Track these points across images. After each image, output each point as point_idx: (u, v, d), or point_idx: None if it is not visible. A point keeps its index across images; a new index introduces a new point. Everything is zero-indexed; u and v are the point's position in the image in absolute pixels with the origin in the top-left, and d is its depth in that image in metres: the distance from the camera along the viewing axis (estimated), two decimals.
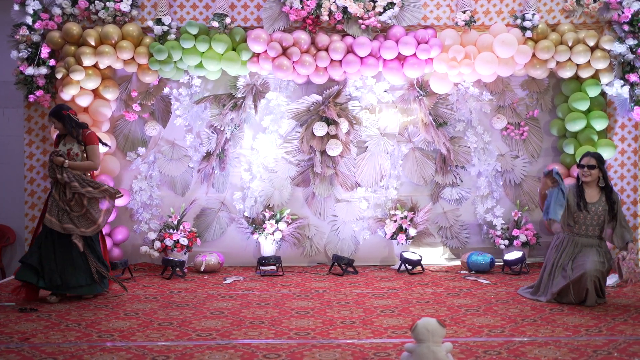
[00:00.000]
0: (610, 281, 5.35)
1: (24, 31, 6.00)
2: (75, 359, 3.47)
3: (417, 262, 6.17)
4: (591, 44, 6.16)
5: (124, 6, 6.04)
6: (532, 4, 6.25)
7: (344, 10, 6.10)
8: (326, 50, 6.18)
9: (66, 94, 6.00)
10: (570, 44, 6.16)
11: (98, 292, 5.03)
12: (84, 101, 6.09)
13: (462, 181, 6.62)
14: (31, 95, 6.02)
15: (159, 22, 6.10)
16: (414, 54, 6.17)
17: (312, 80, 6.36)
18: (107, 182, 6.22)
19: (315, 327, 4.11)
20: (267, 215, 6.40)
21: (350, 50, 6.19)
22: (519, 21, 6.22)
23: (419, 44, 6.16)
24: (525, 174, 6.63)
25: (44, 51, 6.01)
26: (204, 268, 6.12)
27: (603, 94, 6.41)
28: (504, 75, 6.35)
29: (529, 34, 6.17)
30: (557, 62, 6.24)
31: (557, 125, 6.54)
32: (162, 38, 6.09)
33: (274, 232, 6.32)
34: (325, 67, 6.21)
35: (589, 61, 6.19)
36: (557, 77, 6.51)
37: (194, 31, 6.05)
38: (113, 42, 6.02)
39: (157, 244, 6.17)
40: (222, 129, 6.41)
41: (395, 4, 6.15)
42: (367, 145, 6.59)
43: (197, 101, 6.43)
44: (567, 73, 6.28)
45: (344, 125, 6.35)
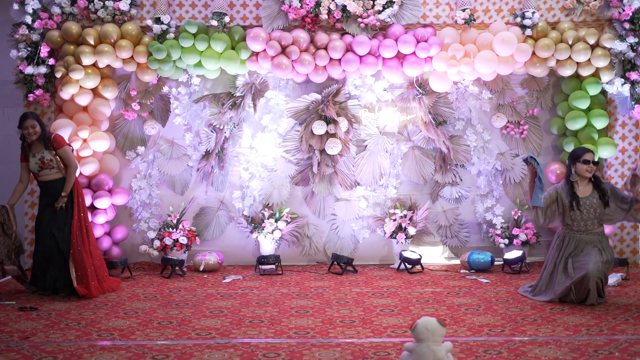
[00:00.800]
0: (611, 280, 5.34)
1: (23, 30, 5.99)
2: (75, 357, 3.47)
3: (417, 261, 6.17)
4: (591, 42, 6.15)
5: (123, 5, 6.03)
6: (532, 2, 6.24)
7: (343, 8, 6.09)
8: (325, 48, 6.17)
9: (65, 93, 6.00)
10: (570, 42, 6.15)
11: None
12: (83, 100, 6.08)
13: (461, 180, 6.61)
14: (31, 95, 6.02)
15: (158, 21, 6.09)
16: (414, 53, 6.16)
17: (311, 79, 6.35)
18: (107, 181, 6.22)
19: (314, 326, 4.10)
20: (267, 214, 6.40)
21: (349, 48, 6.19)
22: (518, 19, 6.21)
23: (418, 42, 6.15)
24: (525, 172, 6.62)
25: (44, 50, 6.01)
26: (203, 267, 6.12)
27: (603, 92, 6.39)
28: (503, 73, 6.34)
29: (528, 32, 6.16)
30: (557, 61, 6.23)
31: (557, 124, 6.53)
32: (161, 37, 6.08)
33: (273, 231, 6.31)
34: (325, 66, 6.20)
35: (589, 59, 6.18)
36: (557, 76, 6.50)
37: (193, 30, 6.04)
38: (112, 41, 6.01)
39: (157, 243, 6.17)
40: (221, 127, 6.40)
41: (394, 2, 6.14)
42: (367, 144, 6.58)
43: (196, 100, 6.42)
44: (567, 71, 6.27)
45: (343, 124, 6.34)
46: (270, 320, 4.27)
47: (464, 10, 6.20)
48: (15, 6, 6.09)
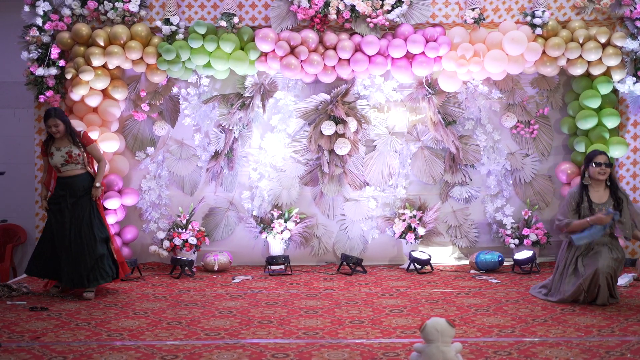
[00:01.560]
0: (623, 281, 5.30)
1: (34, 32, 6.04)
2: (84, 357, 3.49)
3: (426, 262, 6.14)
4: (602, 40, 6.10)
5: (133, 6, 6.06)
6: (542, 1, 6.20)
7: (352, 8, 6.08)
8: (334, 49, 6.16)
9: (76, 94, 6.03)
10: (581, 41, 6.11)
11: None
12: (93, 101, 6.12)
13: (471, 180, 6.58)
14: (41, 96, 6.06)
15: (167, 22, 6.11)
16: (423, 52, 6.14)
17: (320, 79, 6.35)
18: (117, 182, 6.26)
19: (323, 327, 4.09)
20: (276, 214, 6.40)
21: (358, 48, 6.17)
22: (528, 18, 6.17)
23: (427, 42, 6.13)
24: (536, 172, 6.58)
25: (54, 52, 6.05)
26: (218, 267, 6.13)
27: (615, 91, 6.34)
28: (513, 73, 6.30)
29: (539, 31, 6.12)
30: (568, 60, 6.19)
31: (567, 123, 6.48)
32: (170, 38, 6.10)
33: (282, 231, 6.31)
34: (334, 66, 6.19)
35: (600, 58, 6.13)
36: (567, 75, 6.45)
37: (202, 31, 6.06)
38: (122, 42, 6.04)
39: (166, 243, 6.19)
40: (231, 128, 6.42)
41: (403, 2, 6.12)
42: (376, 144, 6.57)
43: (205, 101, 6.44)
44: (578, 70, 6.22)
45: (353, 124, 6.33)
46: (279, 321, 4.26)
47: (473, 9, 6.17)
48: (26, 8, 6.13)
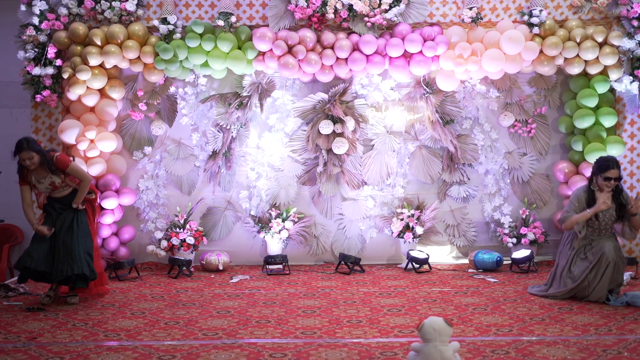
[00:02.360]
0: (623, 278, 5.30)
1: (30, 31, 6.02)
2: (81, 358, 3.48)
3: (424, 261, 6.15)
4: (600, 39, 6.10)
5: (130, 6, 6.05)
6: (540, 0, 6.20)
7: (350, 8, 6.08)
8: (332, 48, 6.16)
9: (73, 94, 6.02)
10: (578, 40, 6.11)
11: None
12: (90, 101, 6.11)
13: (469, 179, 6.58)
14: (38, 95, 6.05)
15: (164, 21, 6.10)
16: (420, 52, 6.14)
17: (317, 79, 6.34)
18: (114, 182, 6.24)
19: (321, 326, 4.09)
20: (274, 214, 6.39)
21: (356, 48, 6.17)
22: (526, 17, 6.18)
23: (425, 41, 6.13)
24: (533, 171, 6.58)
25: (51, 51, 6.03)
26: (222, 266, 6.13)
27: (612, 90, 6.34)
28: (511, 72, 6.30)
29: (536, 30, 6.12)
30: (565, 59, 6.19)
31: (565, 122, 6.49)
32: (167, 37, 6.09)
33: (280, 230, 6.31)
34: (331, 65, 6.19)
35: (597, 57, 6.14)
36: (565, 74, 6.46)
37: (200, 30, 6.05)
38: (119, 41, 6.02)
39: (164, 243, 6.18)
40: (228, 127, 6.41)
41: (401, 1, 6.12)
42: (374, 143, 6.57)
43: (203, 100, 6.43)
44: (575, 69, 6.22)
45: (350, 123, 6.33)
46: (277, 320, 4.26)
47: (470, 8, 6.17)
48: (23, 7, 6.12)
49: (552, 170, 6.56)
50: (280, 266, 6.10)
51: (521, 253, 6.09)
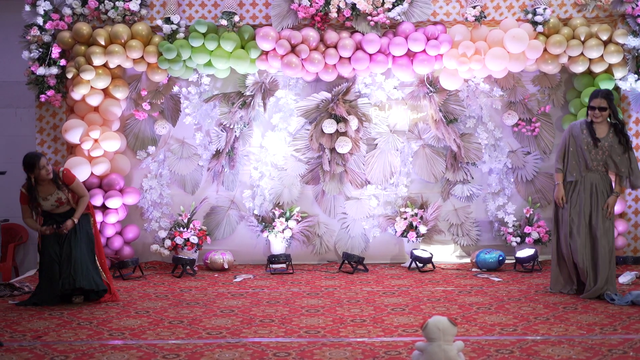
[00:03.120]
0: (626, 279, 5.29)
1: (35, 32, 6.04)
2: (86, 357, 3.49)
3: (428, 260, 6.14)
4: (604, 38, 6.08)
5: (133, 5, 6.06)
6: None
7: (353, 7, 6.07)
8: (335, 47, 6.15)
9: (77, 94, 6.03)
10: (582, 39, 6.09)
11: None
12: (94, 100, 6.12)
13: (472, 178, 6.57)
14: (42, 95, 6.06)
15: (167, 21, 6.11)
16: (424, 50, 6.13)
17: (321, 78, 6.34)
18: (118, 181, 6.26)
19: (325, 326, 4.09)
20: (277, 213, 6.40)
21: (359, 47, 6.16)
22: (530, 16, 6.16)
23: (428, 40, 6.12)
24: (537, 170, 6.57)
25: (55, 51, 6.05)
26: (228, 265, 6.14)
27: (617, 88, 6.32)
28: (515, 70, 6.29)
29: (540, 28, 6.10)
30: (569, 57, 6.17)
31: (569, 121, 6.45)
32: (171, 37, 6.10)
33: (283, 230, 6.31)
34: (334, 64, 6.18)
35: (602, 56, 6.11)
36: (569, 72, 6.44)
37: (203, 30, 6.05)
38: (122, 41, 6.03)
39: (168, 242, 6.19)
40: (232, 127, 6.41)
41: (404, 0, 6.11)
42: (377, 142, 6.56)
43: (206, 99, 6.43)
44: (579, 68, 6.20)
45: (354, 122, 6.32)
46: (281, 320, 4.26)
47: (474, 7, 6.16)
48: (27, 7, 6.13)
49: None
50: (283, 265, 6.10)
51: (525, 252, 6.07)
